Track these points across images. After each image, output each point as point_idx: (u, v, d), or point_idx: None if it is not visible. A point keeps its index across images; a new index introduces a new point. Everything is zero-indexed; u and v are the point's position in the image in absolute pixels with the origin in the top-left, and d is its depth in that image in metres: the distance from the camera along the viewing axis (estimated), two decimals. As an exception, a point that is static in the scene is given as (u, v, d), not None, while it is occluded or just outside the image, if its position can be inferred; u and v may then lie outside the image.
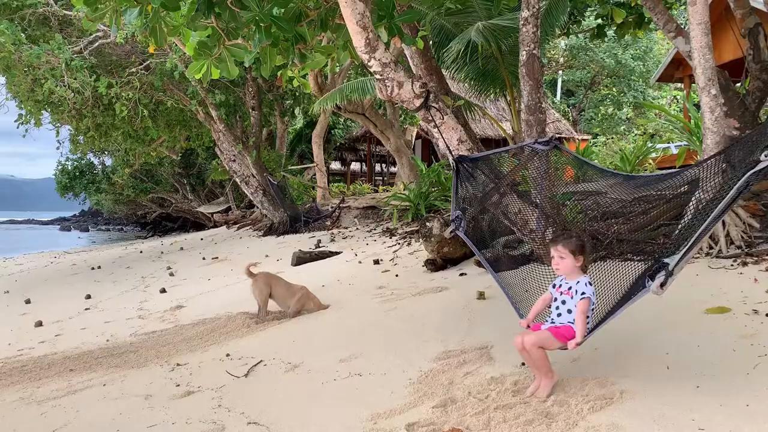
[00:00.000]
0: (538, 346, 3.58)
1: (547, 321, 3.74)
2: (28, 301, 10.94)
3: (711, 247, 5.99)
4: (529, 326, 3.79)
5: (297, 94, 21.14)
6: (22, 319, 9.14)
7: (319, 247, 12.39)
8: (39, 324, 8.50)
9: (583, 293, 3.58)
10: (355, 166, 39.05)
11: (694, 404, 3.19)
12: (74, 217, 70.76)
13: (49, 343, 7.20)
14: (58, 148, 19.95)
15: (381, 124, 18.03)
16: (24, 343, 7.36)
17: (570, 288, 3.66)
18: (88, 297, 10.67)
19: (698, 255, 5.97)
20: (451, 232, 4.79)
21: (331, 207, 17.77)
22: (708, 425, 2.96)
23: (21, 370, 5.90)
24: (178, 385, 4.82)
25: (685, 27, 7.15)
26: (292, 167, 25.09)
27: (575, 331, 3.54)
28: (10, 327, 8.57)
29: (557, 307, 3.70)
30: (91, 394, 4.89)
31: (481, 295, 6.01)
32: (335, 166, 37.39)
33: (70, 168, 31.73)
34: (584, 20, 16.96)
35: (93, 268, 15.99)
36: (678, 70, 16.46)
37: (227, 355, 5.52)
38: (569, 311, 3.63)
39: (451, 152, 5.49)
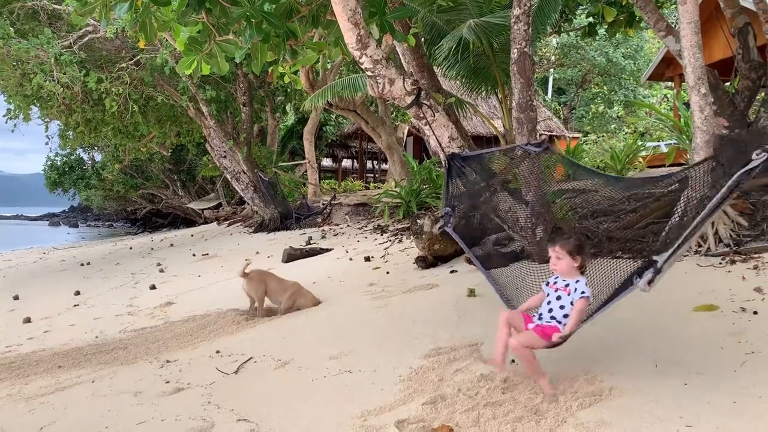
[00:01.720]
0: (524, 347, 3.58)
1: (534, 317, 3.75)
2: (16, 297, 10.84)
3: (700, 246, 6.03)
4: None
5: (288, 90, 21.10)
6: (10, 315, 9.08)
7: (310, 244, 12.37)
8: (27, 320, 8.44)
9: (583, 292, 3.59)
10: (346, 163, 39.04)
11: (682, 401, 3.21)
12: (63, 213, 70.27)
13: (37, 340, 7.15)
14: (47, 144, 19.78)
15: (372, 121, 18.03)
16: (12, 339, 7.30)
17: (567, 285, 3.66)
18: (77, 293, 10.61)
19: (687, 253, 6.00)
20: (439, 228, 4.80)
21: (322, 204, 17.75)
22: (696, 422, 2.98)
23: (9, 367, 5.86)
24: (168, 382, 4.80)
25: (675, 26, 7.19)
26: (283, 164, 25.03)
27: (559, 329, 3.57)
28: (-2, 323, 8.52)
29: (549, 302, 3.70)
30: (79, 391, 4.86)
31: (472, 293, 6.02)
32: (326, 162, 37.38)
33: (59, 163, 31.54)
34: (575, 18, 17.01)
35: (82, 264, 15.89)
36: (668, 68, 16.57)
37: (217, 351, 5.50)
38: (562, 307, 3.63)
39: (442, 149, 5.49)
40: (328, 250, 11.14)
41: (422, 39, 10.07)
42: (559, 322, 3.61)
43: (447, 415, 3.45)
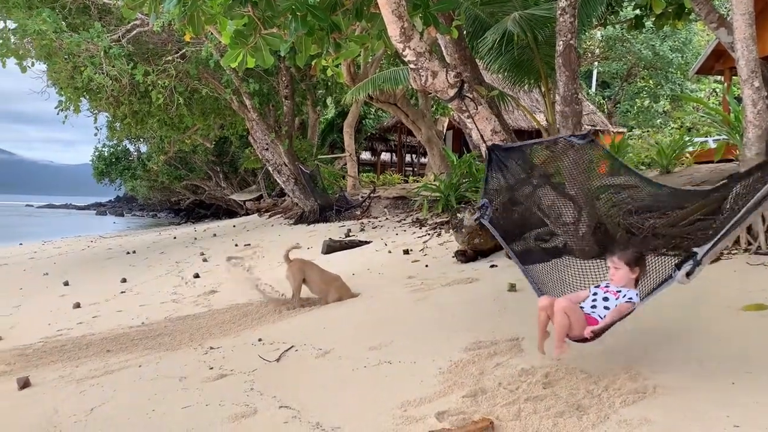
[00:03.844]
0: (565, 313, 3.60)
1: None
2: (66, 284, 11.23)
3: (750, 243, 5.87)
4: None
5: (329, 83, 21.20)
6: (61, 301, 9.40)
7: (349, 236, 12.45)
8: (77, 306, 8.73)
9: (630, 299, 3.65)
10: (385, 156, 39.03)
11: (729, 401, 3.14)
12: (110, 203, 72.33)
13: (86, 325, 7.40)
14: (95, 135, 20.35)
15: (412, 114, 17.98)
16: (63, 323, 7.57)
17: (619, 291, 3.72)
18: (124, 281, 10.92)
19: (736, 251, 5.86)
20: (475, 219, 4.78)
21: (362, 197, 17.82)
22: (743, 422, 2.91)
23: (60, 350, 6.09)
24: (212, 368, 4.92)
25: (727, 17, 6.98)
26: (323, 156, 25.21)
27: (597, 322, 3.61)
28: (50, 308, 8.83)
29: (594, 300, 3.74)
30: (127, 375, 5.02)
31: (512, 287, 5.99)
32: (365, 156, 37.45)
33: (106, 154, 32.42)
34: (622, 10, 16.63)
35: (128, 253, 16.33)
36: (718, 62, 16.07)
37: (259, 339, 5.61)
38: (606, 308, 3.67)
39: (484, 142, 5.46)
40: (367, 242, 11.20)
41: (465, 31, 10.01)
42: (601, 317, 3.63)
43: (487, 409, 3.45)
